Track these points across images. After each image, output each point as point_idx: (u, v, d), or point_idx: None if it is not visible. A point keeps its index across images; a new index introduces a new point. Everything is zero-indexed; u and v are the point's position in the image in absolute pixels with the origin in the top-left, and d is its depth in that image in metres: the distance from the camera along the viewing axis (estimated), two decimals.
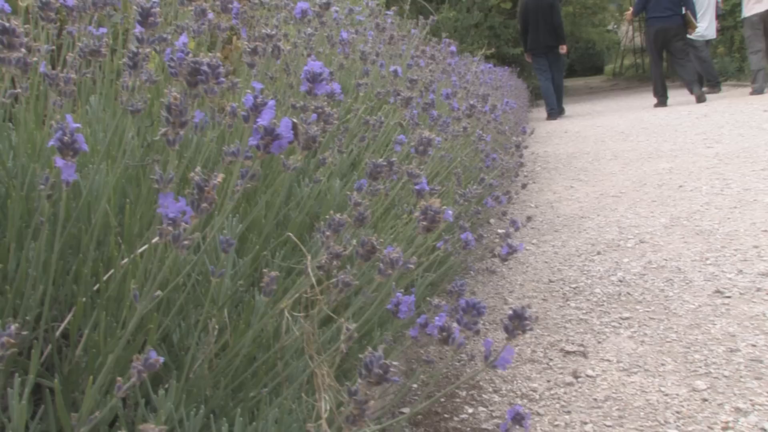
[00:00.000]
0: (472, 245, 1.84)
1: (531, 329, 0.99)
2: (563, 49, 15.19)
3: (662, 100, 14.09)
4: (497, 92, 7.89)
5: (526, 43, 15.18)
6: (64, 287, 1.33)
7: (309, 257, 1.25)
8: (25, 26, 1.43)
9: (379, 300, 1.39)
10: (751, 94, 13.18)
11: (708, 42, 14.61)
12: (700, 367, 2.97)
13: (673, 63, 14.27)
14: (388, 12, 8.61)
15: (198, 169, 0.92)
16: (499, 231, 5.92)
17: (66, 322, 1.37)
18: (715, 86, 14.74)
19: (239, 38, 3.75)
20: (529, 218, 4.05)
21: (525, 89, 16.31)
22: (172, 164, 1.00)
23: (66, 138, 0.94)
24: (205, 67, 1.07)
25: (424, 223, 1.13)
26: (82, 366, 1.31)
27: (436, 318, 1.26)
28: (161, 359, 0.86)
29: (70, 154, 0.95)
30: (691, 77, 13.62)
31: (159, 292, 0.96)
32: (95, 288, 1.41)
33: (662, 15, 13.37)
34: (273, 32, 1.72)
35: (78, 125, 0.95)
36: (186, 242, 0.92)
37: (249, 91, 1.10)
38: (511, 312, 1.00)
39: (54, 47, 1.67)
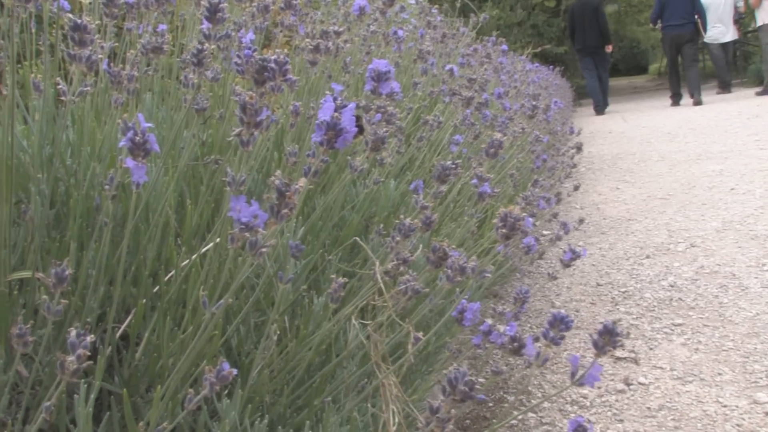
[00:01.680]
0: (534, 249, 1.79)
1: (622, 346, 0.94)
2: (609, 49, 16.04)
3: (676, 100, 15.36)
4: (545, 92, 7.78)
5: (575, 43, 16.11)
6: (122, 288, 1.31)
7: (377, 264, 1.21)
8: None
9: (451, 309, 1.34)
10: (757, 94, 14.28)
11: (725, 45, 15.64)
12: (761, 378, 2.86)
13: (685, 66, 15.36)
14: (434, 10, 8.55)
15: (278, 172, 0.88)
16: (545, 232, 5.83)
17: (126, 324, 1.35)
18: (725, 87, 15.87)
19: (286, 34, 3.72)
20: (581, 221, 3.97)
21: (569, 88, 16.21)
22: (245, 165, 0.97)
23: (138, 138, 0.90)
24: (272, 65, 1.04)
25: (504, 230, 1.08)
26: (141, 369, 1.28)
27: (507, 327, 1.21)
28: (234, 371, 0.83)
29: (142, 155, 0.92)
30: (695, 82, 14.86)
31: (230, 300, 0.93)
32: (155, 290, 1.38)
33: (677, 23, 14.66)
34: (340, 29, 1.67)
35: (150, 125, 0.92)
36: (264, 249, 0.89)
37: (329, 92, 1.06)
38: (601, 327, 0.95)
39: (116, 44, 1.66)
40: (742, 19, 15.55)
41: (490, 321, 1.57)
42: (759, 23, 14.42)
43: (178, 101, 1.96)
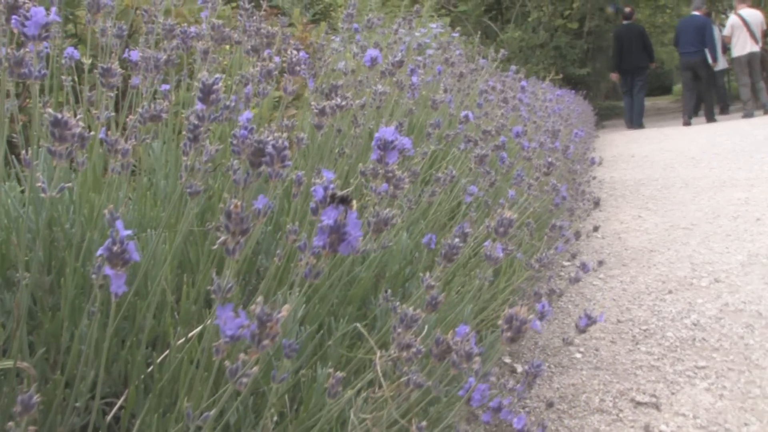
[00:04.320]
0: (549, 314, 1.73)
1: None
2: (653, 65, 18.24)
3: (687, 121, 16.77)
4: (566, 122, 7.69)
5: (618, 64, 17.63)
6: (117, 363, 1.26)
7: (377, 355, 1.15)
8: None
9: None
10: (743, 117, 15.96)
11: (718, 72, 17.28)
12: None
13: (702, 89, 16.88)
14: (455, 33, 8.53)
15: (260, 299, 0.83)
16: (565, 263, 5.74)
17: (117, 407, 1.30)
18: (724, 109, 17.75)
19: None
20: (600, 263, 3.87)
21: (591, 112, 16.24)
22: (232, 271, 0.91)
23: (116, 248, 0.85)
24: (270, 149, 0.98)
25: (509, 334, 1.02)
26: None
27: (515, 420, 1.15)
28: None
29: (120, 264, 0.87)
30: (709, 103, 16.64)
31: (211, 413, 0.87)
32: (149, 370, 1.34)
33: (688, 51, 16.34)
34: (346, 100, 1.61)
35: (129, 232, 0.87)
36: (244, 380, 0.83)
37: (318, 181, 1.01)
38: None
39: (113, 113, 1.63)
40: (729, 49, 16.68)
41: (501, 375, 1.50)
42: (733, 55, 16.21)
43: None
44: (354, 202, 1.01)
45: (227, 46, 2.65)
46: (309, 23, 6.37)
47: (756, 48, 15.77)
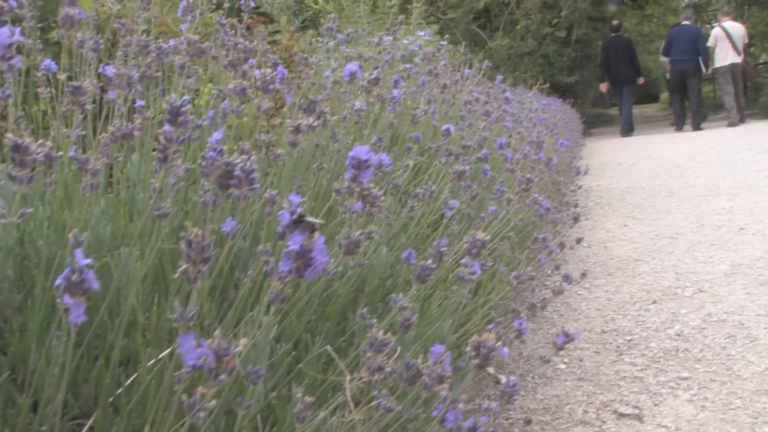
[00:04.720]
0: (526, 332, 1.72)
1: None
2: (641, 80, 18.42)
3: (680, 126, 17.51)
4: (552, 132, 7.70)
5: (607, 76, 18.22)
6: (87, 384, 1.24)
7: (348, 378, 1.14)
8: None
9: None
10: (728, 126, 16.36)
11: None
12: None
13: (689, 97, 17.26)
14: (443, 41, 8.54)
15: (217, 332, 0.82)
16: (551, 273, 5.74)
17: (86, 428, 1.28)
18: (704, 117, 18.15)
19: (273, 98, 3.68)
20: (584, 274, 3.87)
21: (578, 120, 16.30)
22: (197, 300, 0.90)
23: (74, 277, 0.84)
24: (238, 171, 0.98)
25: (476, 361, 1.01)
26: None
27: None
28: None
29: (79, 293, 0.85)
30: (697, 111, 17.10)
31: None
32: (118, 391, 1.32)
33: (680, 58, 16.75)
34: (320, 119, 1.60)
35: (89, 261, 0.85)
36: (201, 413, 0.82)
37: (285, 204, 1.00)
38: None
39: (84, 131, 1.61)
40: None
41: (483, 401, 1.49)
42: (716, 65, 16.76)
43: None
44: (317, 229, 1.00)
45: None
46: (297, 31, 6.35)
47: (738, 59, 16.31)
